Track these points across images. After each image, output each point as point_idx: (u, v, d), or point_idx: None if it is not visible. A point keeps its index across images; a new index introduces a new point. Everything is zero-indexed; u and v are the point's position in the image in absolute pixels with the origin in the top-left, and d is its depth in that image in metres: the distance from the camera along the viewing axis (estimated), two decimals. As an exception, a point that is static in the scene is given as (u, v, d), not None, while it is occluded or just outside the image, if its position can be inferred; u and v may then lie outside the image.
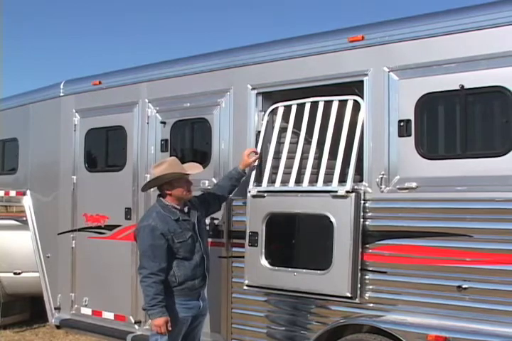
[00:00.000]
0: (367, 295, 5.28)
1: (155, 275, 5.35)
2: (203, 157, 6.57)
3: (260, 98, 6.12)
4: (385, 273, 5.18)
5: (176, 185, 5.59)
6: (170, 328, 5.34)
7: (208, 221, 6.21)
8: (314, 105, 5.70)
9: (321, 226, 5.45)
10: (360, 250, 5.27)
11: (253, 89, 6.13)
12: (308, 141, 5.70)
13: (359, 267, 5.27)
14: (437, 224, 4.92)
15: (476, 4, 4.95)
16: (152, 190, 6.27)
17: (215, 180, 6.32)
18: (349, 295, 5.24)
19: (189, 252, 5.53)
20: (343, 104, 5.53)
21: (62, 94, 8.16)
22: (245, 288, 5.93)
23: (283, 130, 5.92)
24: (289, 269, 5.61)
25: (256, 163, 5.97)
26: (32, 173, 8.67)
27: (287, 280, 5.61)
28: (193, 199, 5.81)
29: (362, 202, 5.29)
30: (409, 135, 5.07)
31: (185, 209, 5.64)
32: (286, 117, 5.89)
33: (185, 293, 5.52)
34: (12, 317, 9.58)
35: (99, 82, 7.65)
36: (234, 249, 6.20)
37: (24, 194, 8.64)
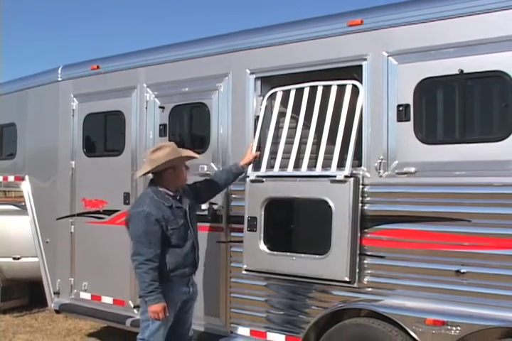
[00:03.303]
0: (365, 279, 5.29)
1: (151, 261, 5.33)
2: (201, 142, 6.56)
3: (259, 82, 6.10)
4: (383, 257, 5.20)
5: (178, 169, 5.57)
6: (168, 314, 5.37)
7: (206, 206, 6.22)
8: (313, 90, 5.69)
9: (319, 211, 5.45)
10: (359, 235, 5.28)
11: (252, 73, 6.11)
12: (306, 126, 5.69)
13: (357, 252, 5.28)
14: (436, 208, 4.92)
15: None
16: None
17: (213, 165, 6.32)
18: (347, 279, 5.26)
19: (181, 239, 5.52)
20: (341, 88, 5.52)
21: (60, 79, 8.12)
22: (244, 272, 5.94)
23: (282, 115, 5.91)
24: (288, 254, 5.63)
25: (256, 160, 5.95)
26: (30, 158, 8.66)
27: (286, 265, 5.63)
28: (185, 186, 5.79)
29: (360, 186, 5.30)
30: (408, 120, 5.07)
31: (178, 196, 5.63)
32: (284, 102, 5.88)
33: (175, 280, 5.52)
34: (11, 302, 9.64)
35: (98, 67, 7.62)
36: (233, 234, 6.21)
37: (23, 179, 8.64)
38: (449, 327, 4.76)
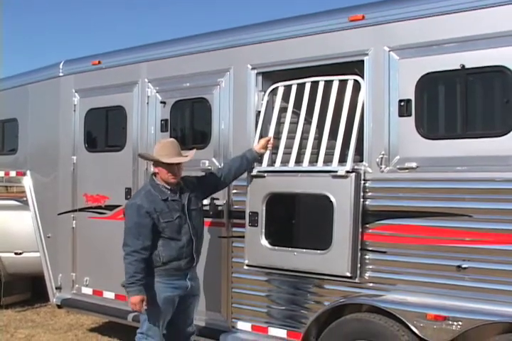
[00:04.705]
0: (367, 274, 5.30)
1: (137, 253, 5.36)
2: (202, 137, 6.57)
3: (260, 78, 6.10)
4: (384, 252, 5.20)
5: (160, 167, 5.56)
6: (145, 307, 5.38)
7: (208, 201, 6.22)
8: (314, 85, 5.69)
9: (321, 206, 5.46)
10: (360, 230, 5.28)
11: (253, 68, 6.11)
12: (308, 121, 5.69)
13: (359, 247, 5.28)
14: (437, 204, 4.93)
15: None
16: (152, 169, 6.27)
17: (214, 160, 6.32)
18: (349, 274, 5.26)
19: (176, 233, 5.51)
20: (343, 83, 5.51)
21: (61, 74, 8.12)
22: (245, 267, 5.95)
23: (283, 110, 5.91)
24: (289, 249, 5.63)
25: (270, 144, 5.86)
26: (32, 154, 8.66)
27: (287, 260, 5.63)
28: (190, 179, 5.77)
29: (362, 182, 5.30)
30: (410, 115, 5.07)
31: (177, 190, 5.62)
32: (286, 97, 5.88)
33: (170, 273, 5.52)
34: (13, 297, 9.65)
35: (99, 62, 7.62)
36: (234, 229, 6.22)
37: (24, 174, 8.65)
38: (450, 322, 4.76)
